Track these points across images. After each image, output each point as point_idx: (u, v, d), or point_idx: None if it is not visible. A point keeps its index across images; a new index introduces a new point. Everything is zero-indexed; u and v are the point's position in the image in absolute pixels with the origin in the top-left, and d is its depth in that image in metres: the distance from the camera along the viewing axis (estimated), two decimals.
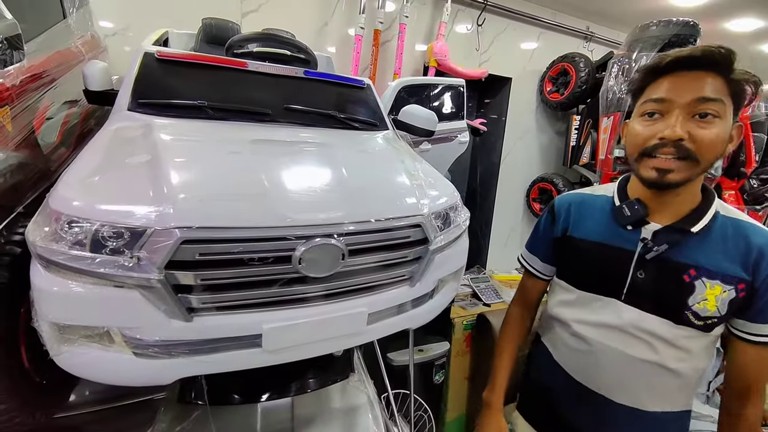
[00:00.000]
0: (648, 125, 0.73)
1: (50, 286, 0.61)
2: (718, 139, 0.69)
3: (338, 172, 0.84)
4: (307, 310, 0.73)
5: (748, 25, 2.92)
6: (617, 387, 0.83)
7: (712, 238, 0.76)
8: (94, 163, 0.76)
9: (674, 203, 0.77)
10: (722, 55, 0.67)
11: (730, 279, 0.74)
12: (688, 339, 0.77)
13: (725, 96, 0.68)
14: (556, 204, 0.97)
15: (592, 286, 0.85)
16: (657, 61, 0.72)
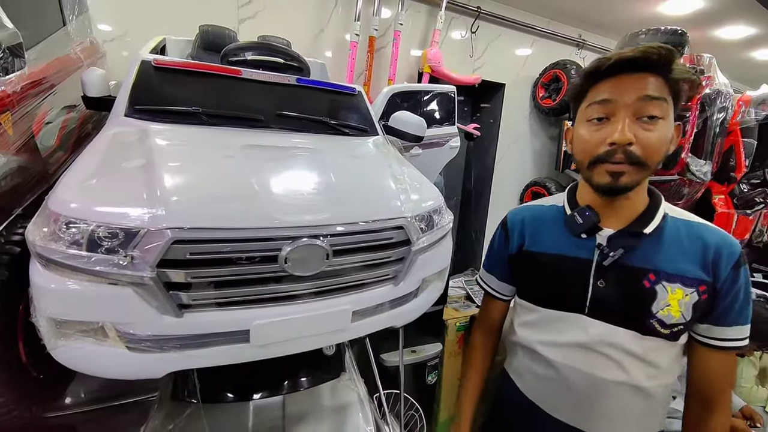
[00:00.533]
0: (595, 130, 0.72)
1: (48, 283, 0.64)
2: (663, 142, 0.69)
3: (326, 176, 0.88)
4: (293, 307, 0.76)
5: (738, 33, 2.98)
6: (590, 416, 0.79)
7: (666, 240, 0.75)
8: (91, 167, 0.79)
9: (624, 207, 0.77)
10: (662, 56, 0.66)
11: (690, 281, 0.72)
12: (656, 351, 0.75)
13: (667, 95, 0.68)
14: (509, 219, 0.94)
15: (555, 302, 0.83)
16: (598, 63, 0.71)
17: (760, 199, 3.18)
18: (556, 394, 0.82)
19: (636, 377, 0.75)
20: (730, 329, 0.73)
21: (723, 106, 2.66)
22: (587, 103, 0.74)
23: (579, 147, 0.76)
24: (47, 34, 1.16)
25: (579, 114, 0.77)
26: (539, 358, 0.84)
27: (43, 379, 0.85)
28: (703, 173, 2.69)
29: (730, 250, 0.73)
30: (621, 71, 0.69)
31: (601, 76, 0.71)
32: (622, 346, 0.75)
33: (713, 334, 0.74)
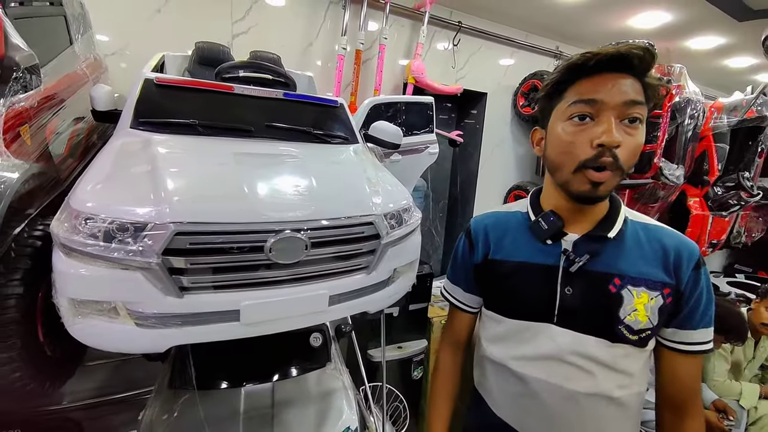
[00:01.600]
0: (579, 130, 0.67)
1: (70, 268, 0.76)
2: (640, 147, 0.67)
3: (307, 179, 1.01)
4: (277, 291, 0.88)
5: (708, 43, 3.12)
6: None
7: (628, 244, 0.74)
8: (104, 172, 0.92)
9: (589, 212, 0.76)
10: (644, 58, 0.64)
11: (654, 284, 0.72)
12: (625, 359, 0.73)
13: (644, 100, 0.67)
14: (473, 227, 0.91)
15: (522, 312, 0.80)
16: (583, 59, 0.66)
17: (735, 201, 3.32)
18: (527, 410, 0.80)
19: (607, 387, 0.73)
20: (696, 332, 0.73)
21: (693, 113, 2.80)
22: (569, 101, 0.68)
23: (558, 148, 0.70)
24: (57, 53, 1.28)
25: (556, 112, 0.71)
26: (508, 373, 0.81)
27: (55, 359, 0.96)
28: (675, 177, 2.83)
29: (690, 252, 0.72)
30: (602, 70, 0.65)
31: (583, 73, 0.67)
32: (592, 355, 0.73)
33: (680, 338, 0.74)
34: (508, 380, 0.82)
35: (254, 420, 1.32)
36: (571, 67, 0.68)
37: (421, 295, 2.18)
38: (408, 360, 2.23)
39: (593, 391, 0.74)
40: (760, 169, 3.45)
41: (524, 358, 0.79)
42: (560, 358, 0.75)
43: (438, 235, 3.39)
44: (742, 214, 3.77)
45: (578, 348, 0.74)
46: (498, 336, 0.85)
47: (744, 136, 3.30)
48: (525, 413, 0.80)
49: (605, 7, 2.56)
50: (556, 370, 0.76)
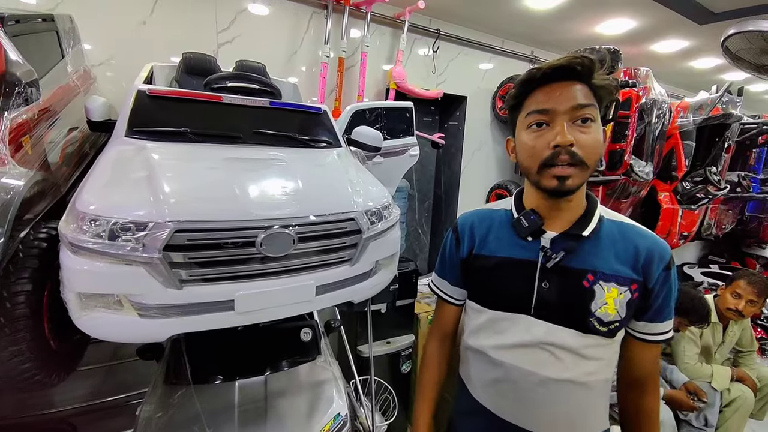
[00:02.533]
0: (537, 136, 0.75)
1: (77, 265, 0.83)
2: (597, 142, 0.74)
3: (293, 181, 1.10)
4: (268, 282, 0.96)
5: (673, 46, 3.28)
6: (536, 415, 0.82)
7: (602, 242, 0.79)
8: (105, 177, 1.00)
9: (566, 210, 0.81)
10: (584, 65, 0.71)
11: (623, 280, 0.77)
12: (594, 348, 0.79)
13: (593, 101, 0.74)
14: (459, 224, 0.96)
15: (502, 303, 0.85)
16: (531, 74, 0.75)
17: (702, 195, 3.49)
18: (504, 395, 0.85)
19: (576, 374, 0.79)
20: (661, 324, 0.81)
21: (659, 113, 2.95)
22: (525, 112, 0.77)
23: (524, 154, 0.79)
24: (50, 67, 1.34)
25: (519, 123, 0.81)
26: (487, 360, 0.87)
27: (59, 352, 1.03)
28: (645, 173, 2.98)
29: (661, 253, 0.78)
30: (552, 80, 0.74)
31: (535, 86, 0.76)
32: (564, 345, 0.79)
33: (649, 330, 0.81)
34: (487, 367, 0.88)
35: (249, 412, 1.39)
36: (524, 82, 0.78)
37: (407, 291, 2.27)
38: (396, 354, 2.32)
39: (563, 377, 0.79)
40: (727, 164, 3.63)
41: (502, 346, 0.85)
42: (535, 346, 0.81)
43: (424, 234, 3.49)
44: (712, 207, 3.93)
45: (551, 338, 0.79)
46: (479, 326, 0.90)
47: (710, 133, 3.45)
48: (501, 397, 0.86)
49: (575, 16, 2.71)
50: (530, 357, 0.81)
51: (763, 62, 2.08)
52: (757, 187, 4.01)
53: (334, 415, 1.43)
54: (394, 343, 2.32)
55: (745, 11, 2.31)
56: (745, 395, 2.07)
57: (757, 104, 5.25)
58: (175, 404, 1.39)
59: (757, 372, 2.26)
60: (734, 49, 2.08)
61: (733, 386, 2.14)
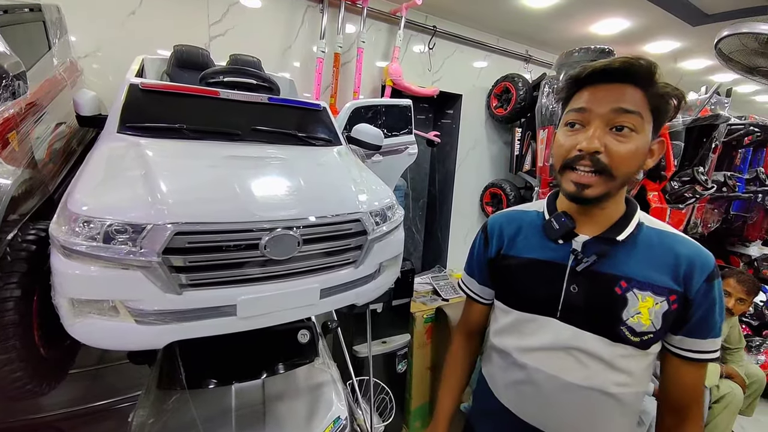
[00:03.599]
0: (569, 136, 0.73)
1: (69, 269, 0.79)
2: (634, 154, 0.68)
3: (296, 180, 1.06)
4: (271, 286, 0.93)
5: (664, 47, 3.31)
6: (557, 419, 0.80)
7: (638, 249, 0.76)
8: (98, 175, 0.95)
9: (600, 215, 0.78)
10: (641, 67, 0.66)
11: (661, 290, 0.73)
12: (626, 359, 0.75)
13: (644, 109, 0.67)
14: (489, 224, 0.95)
15: (528, 305, 0.83)
16: (578, 72, 0.72)
17: (690, 195, 3.55)
18: (526, 397, 0.83)
19: (602, 383, 0.75)
20: (704, 342, 0.74)
21: None
22: (568, 109, 0.75)
23: (555, 151, 0.77)
24: (37, 59, 1.27)
25: (561, 119, 0.78)
26: (511, 361, 0.85)
27: (50, 360, 0.98)
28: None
29: (703, 263, 0.73)
30: (601, 80, 0.69)
31: (581, 84, 0.72)
32: (591, 351, 0.75)
33: (687, 346, 0.75)
34: (510, 367, 0.85)
35: (246, 416, 1.36)
36: (570, 78, 0.74)
37: (404, 290, 2.25)
38: (392, 354, 2.31)
39: (588, 384, 0.76)
40: (714, 164, 3.70)
41: (526, 348, 0.82)
42: (560, 350, 0.78)
43: (418, 233, 3.48)
44: (698, 206, 4.01)
45: (578, 343, 0.76)
46: (505, 326, 0.88)
47: (698, 134, 3.51)
48: (524, 399, 0.84)
49: (569, 15, 2.71)
50: (554, 361, 0.78)
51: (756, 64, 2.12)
52: (743, 187, 4.10)
53: (334, 419, 1.41)
54: (390, 343, 2.31)
55: (738, 13, 2.34)
56: (734, 392, 2.12)
57: (744, 105, 5.37)
58: (169, 410, 1.35)
59: (746, 369, 2.32)
60: (727, 50, 2.11)
61: (722, 383, 2.17)
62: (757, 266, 4.70)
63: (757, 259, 4.93)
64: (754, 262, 4.84)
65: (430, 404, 2.55)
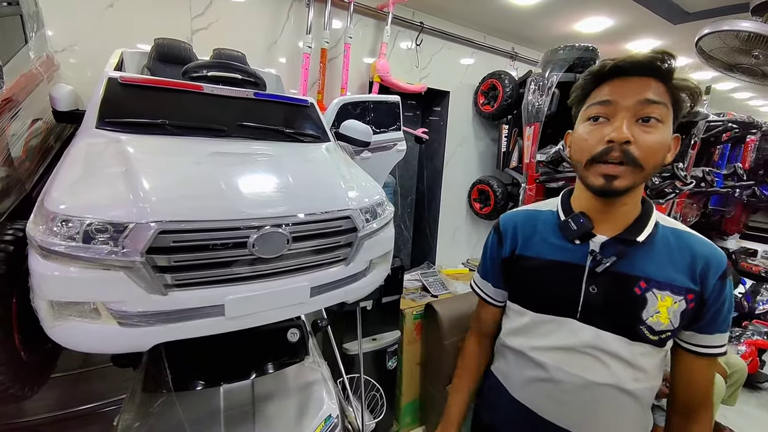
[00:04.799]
0: (594, 129, 0.72)
1: (49, 270, 0.75)
2: (661, 144, 0.69)
3: (284, 177, 1.04)
4: (260, 284, 0.91)
5: (647, 45, 3.36)
6: (579, 417, 0.79)
7: (657, 249, 0.76)
8: (76, 173, 0.91)
9: (618, 214, 0.78)
10: (665, 61, 0.67)
11: (679, 290, 0.73)
12: (643, 356, 0.76)
13: (667, 101, 0.69)
14: (502, 223, 0.93)
15: (546, 306, 0.83)
16: (600, 66, 0.72)
17: (670, 190, 3.64)
18: (545, 394, 0.82)
19: (623, 380, 0.76)
20: (712, 336, 0.76)
21: None
22: (589, 103, 0.74)
23: (577, 146, 0.76)
24: (14, 53, 1.22)
25: (580, 115, 0.77)
26: (529, 360, 0.84)
27: (31, 364, 0.94)
28: None
29: (719, 262, 0.75)
30: (624, 74, 0.70)
31: (604, 78, 0.72)
32: (611, 351, 0.76)
33: (697, 341, 0.76)
34: (528, 365, 0.85)
35: (235, 417, 1.34)
36: (594, 72, 0.74)
37: (393, 287, 2.25)
38: (382, 351, 2.31)
39: (609, 382, 0.76)
40: (693, 159, 3.79)
41: (545, 348, 0.82)
42: (580, 350, 0.78)
43: (407, 230, 3.49)
44: (678, 201, 4.12)
45: (598, 343, 0.76)
46: (520, 327, 0.88)
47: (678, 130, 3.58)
48: (541, 396, 0.83)
49: (554, 13, 2.74)
50: (575, 361, 0.79)
51: (736, 61, 2.17)
52: (721, 182, 4.22)
53: (325, 417, 1.40)
54: (380, 340, 2.31)
55: (718, 11, 2.40)
56: (715, 382, 2.17)
57: (723, 102, 5.52)
58: (155, 413, 1.32)
59: (726, 359, 2.38)
60: (708, 48, 2.16)
61: None
62: (735, 259, 4.87)
63: (735, 252, 5.11)
64: (732, 255, 5.02)
65: (421, 400, 2.57)
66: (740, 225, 5.51)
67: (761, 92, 4.99)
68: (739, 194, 4.69)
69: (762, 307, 3.59)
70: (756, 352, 2.98)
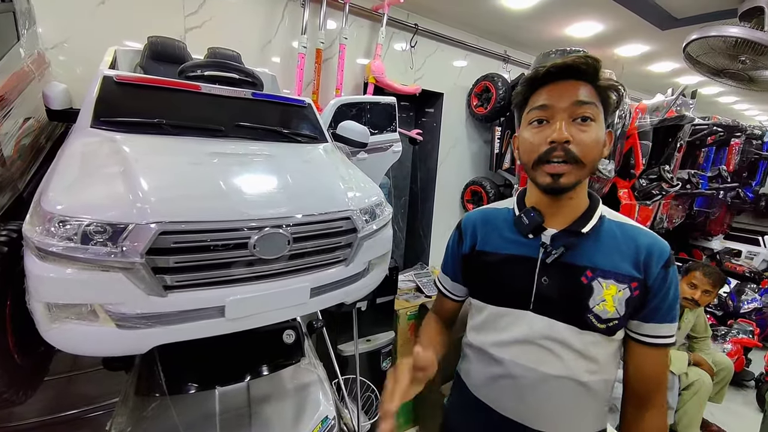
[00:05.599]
0: (536, 132, 0.77)
1: (45, 272, 0.74)
2: (596, 141, 0.74)
3: (283, 178, 1.04)
4: (261, 285, 0.91)
5: (635, 50, 3.45)
6: (534, 411, 0.82)
7: (602, 240, 0.80)
8: (73, 173, 0.89)
9: (566, 208, 0.82)
10: (588, 65, 0.73)
11: (623, 278, 0.77)
12: (594, 346, 0.79)
13: (597, 101, 0.75)
14: (463, 221, 0.98)
15: (503, 299, 0.86)
16: (535, 72, 0.78)
17: (657, 192, 3.72)
18: (504, 391, 0.85)
19: (577, 372, 0.79)
20: (660, 326, 0.79)
21: (621, 114, 3.10)
22: (528, 108, 0.80)
23: (524, 149, 0.81)
24: (6, 51, 1.20)
25: (522, 119, 0.83)
26: (488, 357, 0.88)
27: (25, 367, 0.92)
28: (608, 171, 3.13)
29: (661, 251, 0.78)
30: (556, 78, 0.75)
31: (538, 84, 0.78)
32: (563, 340, 0.79)
33: (644, 331, 0.80)
34: (488, 363, 0.88)
35: (231, 420, 1.32)
36: (529, 79, 0.80)
37: (387, 288, 2.25)
38: (377, 352, 2.31)
39: (563, 374, 0.79)
40: (678, 162, 3.88)
41: (503, 342, 0.85)
42: (534, 342, 0.81)
43: (400, 231, 3.49)
44: (664, 203, 4.20)
45: (551, 333, 0.80)
46: (480, 322, 0.91)
47: (665, 134, 3.68)
48: (502, 393, 0.86)
49: (546, 17, 2.78)
50: (530, 354, 0.82)
51: (723, 66, 2.23)
52: (705, 184, 4.33)
53: (322, 419, 1.39)
54: (375, 341, 2.31)
55: (706, 17, 2.46)
56: (702, 379, 2.22)
57: (708, 106, 5.65)
58: (149, 417, 1.31)
59: (713, 357, 2.44)
60: (695, 53, 2.21)
61: (691, 370, 2.28)
62: (719, 259, 4.99)
63: (719, 252, 5.23)
64: (716, 255, 5.14)
65: (414, 401, 2.56)
66: (724, 226, 5.65)
67: (746, 96, 5.12)
68: (724, 196, 4.81)
69: (747, 306, 3.68)
70: (741, 350, 3.06)
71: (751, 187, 5.49)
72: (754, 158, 5.34)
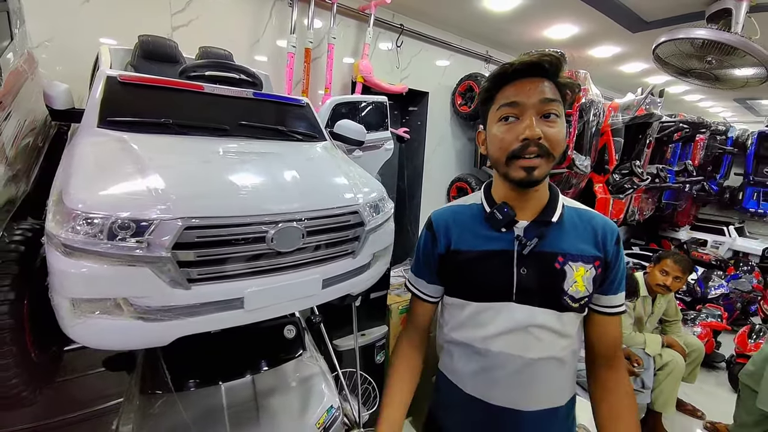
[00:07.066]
0: (507, 128, 0.78)
1: (71, 268, 0.76)
2: (562, 135, 0.78)
3: (292, 174, 1.08)
4: (277, 278, 0.95)
5: (608, 52, 3.65)
6: (523, 394, 0.85)
7: (566, 227, 0.85)
8: (91, 171, 0.91)
9: (533, 200, 0.85)
10: (552, 63, 0.75)
11: (588, 258, 0.83)
12: (569, 324, 0.84)
13: (558, 97, 0.77)
14: (434, 221, 0.96)
15: (485, 294, 0.87)
16: (503, 69, 0.78)
17: (629, 186, 3.91)
18: (494, 381, 0.86)
19: (555, 350, 0.83)
20: (615, 297, 0.87)
21: (596, 112, 3.26)
22: (497, 105, 0.79)
23: (494, 145, 0.81)
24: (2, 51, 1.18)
25: (490, 116, 0.82)
26: (474, 351, 0.88)
27: (40, 364, 0.93)
28: (584, 167, 3.28)
29: (611, 229, 0.86)
30: (523, 76, 0.77)
31: (506, 81, 0.78)
32: (543, 324, 0.82)
33: (603, 303, 0.87)
34: (474, 357, 0.89)
35: (239, 413, 1.36)
36: (496, 76, 0.80)
37: (380, 283, 2.28)
38: (371, 346, 2.37)
39: (545, 355, 0.83)
40: (648, 157, 4.10)
41: (489, 336, 0.86)
42: (519, 331, 0.83)
43: None
44: (635, 196, 4.42)
45: (533, 320, 0.83)
46: (462, 320, 0.91)
47: (635, 131, 3.88)
48: (491, 384, 0.87)
49: (525, 20, 2.91)
50: (515, 342, 0.84)
51: (690, 66, 2.39)
52: (673, 178, 4.57)
53: (327, 408, 1.44)
54: (369, 335, 2.36)
55: (674, 20, 2.61)
56: (675, 360, 2.38)
57: (675, 105, 5.96)
58: (156, 414, 1.32)
59: (684, 339, 2.60)
60: (664, 55, 2.36)
61: (665, 352, 2.41)
62: (687, 248, 5.29)
63: (686, 242, 5.55)
64: (683, 245, 5.45)
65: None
66: (690, 217, 5.99)
67: (711, 94, 5.42)
68: (690, 189, 5.10)
69: (714, 292, 3.92)
70: (711, 333, 3.26)
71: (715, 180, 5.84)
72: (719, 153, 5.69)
